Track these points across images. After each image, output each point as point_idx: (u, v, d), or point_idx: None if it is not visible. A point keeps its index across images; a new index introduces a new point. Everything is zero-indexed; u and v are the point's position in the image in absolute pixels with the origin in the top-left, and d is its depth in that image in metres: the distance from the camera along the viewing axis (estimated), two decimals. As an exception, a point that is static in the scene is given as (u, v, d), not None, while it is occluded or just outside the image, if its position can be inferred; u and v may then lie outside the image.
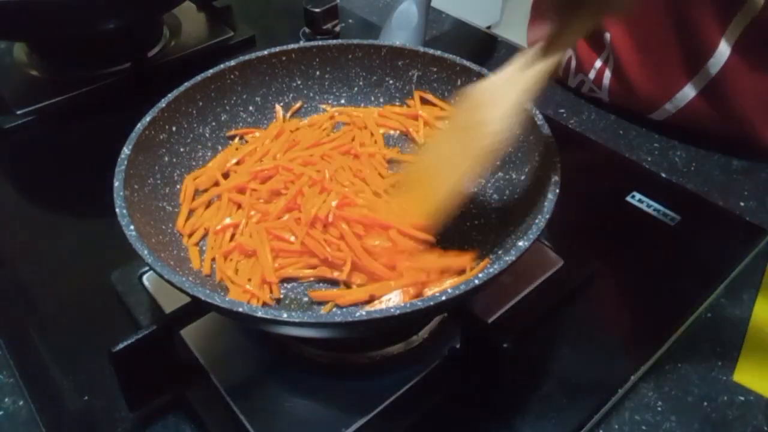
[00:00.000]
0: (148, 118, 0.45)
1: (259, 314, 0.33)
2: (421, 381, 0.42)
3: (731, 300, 0.50)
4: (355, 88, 0.56)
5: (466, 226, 0.48)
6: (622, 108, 0.69)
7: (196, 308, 0.41)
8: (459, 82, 0.52)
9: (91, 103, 0.70)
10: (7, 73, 0.73)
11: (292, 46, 0.53)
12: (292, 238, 0.44)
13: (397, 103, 0.56)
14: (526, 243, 0.36)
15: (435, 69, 0.53)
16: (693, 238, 0.54)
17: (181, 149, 0.49)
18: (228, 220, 0.46)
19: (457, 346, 0.43)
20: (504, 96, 0.40)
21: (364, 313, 0.33)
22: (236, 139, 0.53)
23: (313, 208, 0.44)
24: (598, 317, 0.48)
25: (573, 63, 0.71)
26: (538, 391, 0.43)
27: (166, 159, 0.48)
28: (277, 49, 0.53)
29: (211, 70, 0.50)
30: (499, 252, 0.44)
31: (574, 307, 0.48)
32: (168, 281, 0.35)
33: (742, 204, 0.58)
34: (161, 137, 0.47)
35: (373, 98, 0.56)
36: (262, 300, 0.42)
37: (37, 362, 0.46)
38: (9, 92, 0.70)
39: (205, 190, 0.49)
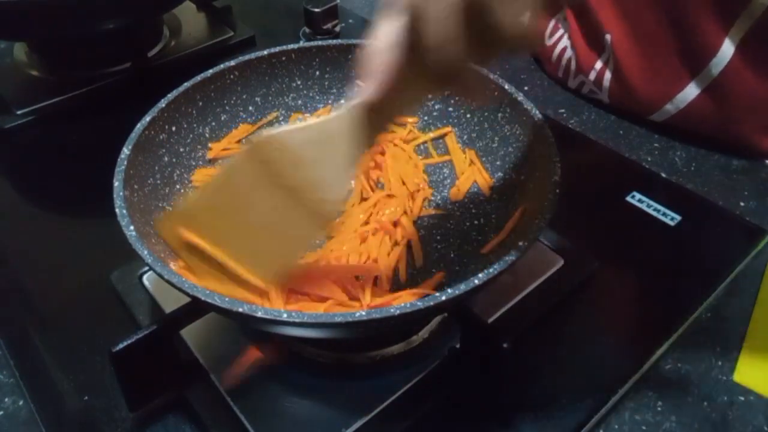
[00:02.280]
0: (148, 118, 0.45)
1: (259, 314, 0.33)
2: (421, 381, 0.42)
3: (731, 300, 0.50)
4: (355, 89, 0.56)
5: (466, 226, 0.48)
6: (622, 109, 0.69)
7: (196, 308, 0.41)
8: (459, 82, 0.52)
9: (91, 103, 0.70)
10: (7, 73, 0.73)
11: (292, 46, 0.53)
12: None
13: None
14: (526, 243, 0.36)
15: (435, 69, 0.53)
16: (693, 238, 0.54)
17: (181, 149, 0.49)
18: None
19: (457, 346, 0.43)
20: (328, 152, 0.35)
21: (364, 313, 0.33)
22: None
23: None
24: (598, 317, 0.48)
25: (573, 64, 0.71)
26: (538, 391, 0.43)
27: (166, 159, 0.48)
28: (277, 49, 0.53)
29: (211, 70, 0.50)
30: (499, 252, 0.44)
31: (574, 307, 0.48)
32: (168, 281, 0.35)
33: (742, 204, 0.58)
34: (161, 137, 0.47)
35: (373, 98, 0.56)
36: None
37: (37, 362, 0.46)
38: (9, 92, 0.70)
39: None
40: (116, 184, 0.40)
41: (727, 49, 0.58)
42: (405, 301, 0.34)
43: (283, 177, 0.36)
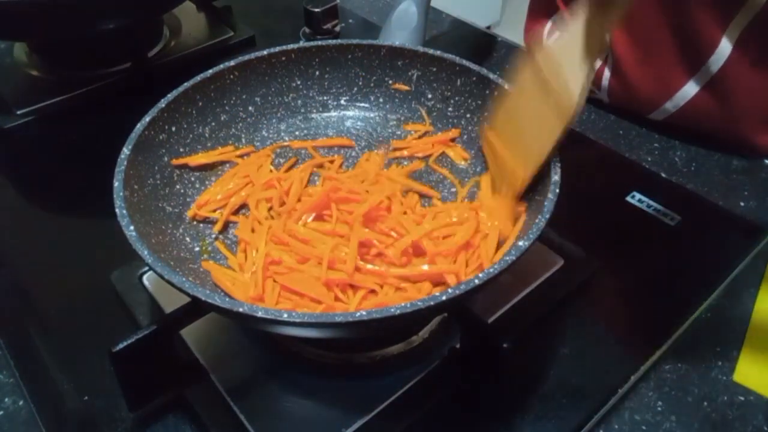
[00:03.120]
0: (148, 118, 0.45)
1: (260, 314, 0.33)
2: (421, 381, 0.42)
3: (731, 300, 0.50)
4: (355, 89, 0.56)
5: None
6: (621, 108, 0.69)
7: (196, 308, 0.41)
8: (459, 82, 0.52)
9: (91, 103, 0.70)
10: (7, 73, 0.73)
11: (291, 46, 0.53)
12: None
13: (401, 114, 0.56)
14: (526, 243, 0.36)
15: (435, 69, 0.53)
16: (693, 238, 0.54)
17: (181, 149, 0.49)
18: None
19: (457, 346, 0.43)
20: (570, 57, 0.41)
21: (364, 313, 0.33)
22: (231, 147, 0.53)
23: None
24: (598, 317, 0.48)
25: (573, 63, 0.71)
26: (538, 391, 0.43)
27: (166, 159, 0.48)
28: (277, 49, 0.53)
29: (210, 71, 0.50)
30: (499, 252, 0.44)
31: (574, 307, 0.48)
32: (168, 281, 0.35)
33: (742, 204, 0.58)
34: (161, 137, 0.47)
35: (372, 98, 0.56)
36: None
37: (37, 362, 0.46)
38: (9, 92, 0.70)
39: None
40: (116, 184, 0.40)
41: (725, 46, 0.58)
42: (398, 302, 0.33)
43: (544, 81, 0.43)
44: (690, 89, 0.62)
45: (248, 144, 0.53)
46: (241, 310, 0.33)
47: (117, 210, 0.39)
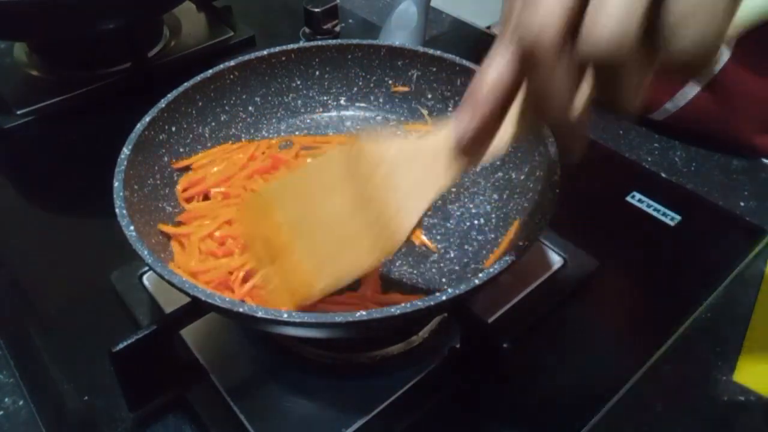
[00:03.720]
0: (147, 119, 0.45)
1: (260, 314, 0.33)
2: (421, 381, 0.42)
3: (731, 300, 0.50)
4: (355, 88, 0.56)
5: (466, 226, 0.48)
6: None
7: (196, 308, 0.41)
8: (459, 82, 0.52)
9: (91, 103, 0.70)
10: (7, 73, 0.73)
11: (291, 46, 0.53)
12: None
13: (400, 114, 0.56)
14: (526, 243, 0.36)
15: (434, 69, 0.53)
16: (693, 238, 0.54)
17: (181, 149, 0.49)
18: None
19: (457, 346, 0.43)
20: (413, 175, 0.32)
21: (364, 313, 0.33)
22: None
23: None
24: (598, 317, 0.48)
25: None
26: (538, 391, 0.43)
27: (166, 159, 0.48)
28: (277, 49, 0.53)
29: (210, 71, 0.50)
30: (499, 252, 0.44)
31: (574, 307, 0.48)
32: (168, 281, 0.35)
33: (742, 204, 0.58)
34: (161, 137, 0.47)
35: (372, 98, 0.56)
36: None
37: (37, 362, 0.46)
38: (9, 92, 0.70)
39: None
40: (116, 184, 0.40)
41: (723, 50, 0.58)
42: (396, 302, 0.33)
43: (364, 184, 0.34)
44: (690, 90, 0.62)
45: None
46: (241, 310, 0.33)
47: (117, 210, 0.39)
